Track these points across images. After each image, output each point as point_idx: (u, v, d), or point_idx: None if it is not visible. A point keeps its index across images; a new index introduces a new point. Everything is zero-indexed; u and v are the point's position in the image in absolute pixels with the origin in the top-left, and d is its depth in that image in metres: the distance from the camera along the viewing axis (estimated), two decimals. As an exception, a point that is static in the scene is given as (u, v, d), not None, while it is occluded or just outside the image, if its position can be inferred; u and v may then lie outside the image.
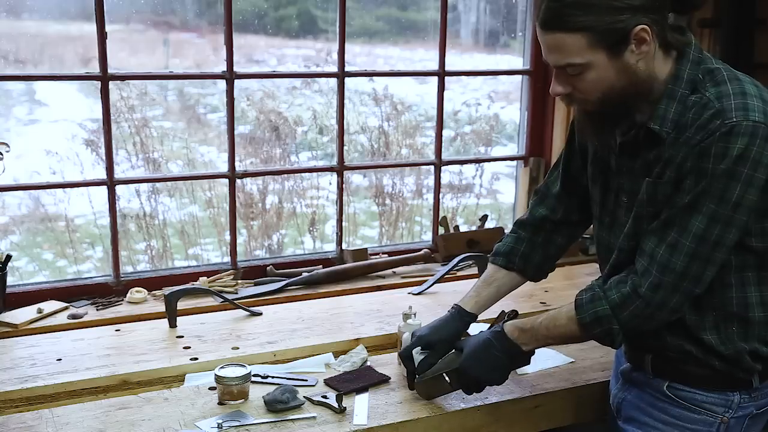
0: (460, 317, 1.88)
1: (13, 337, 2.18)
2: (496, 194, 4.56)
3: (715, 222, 1.46)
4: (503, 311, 1.81)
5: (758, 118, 1.43)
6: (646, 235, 1.55)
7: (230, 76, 2.59)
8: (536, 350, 1.75)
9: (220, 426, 1.68)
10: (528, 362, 1.76)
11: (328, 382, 1.91)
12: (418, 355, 1.84)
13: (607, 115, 1.57)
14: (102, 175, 2.56)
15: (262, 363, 2.05)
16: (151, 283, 2.56)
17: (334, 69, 2.81)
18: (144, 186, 3.71)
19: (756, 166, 1.43)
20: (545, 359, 2.05)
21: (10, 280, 2.40)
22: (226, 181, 2.73)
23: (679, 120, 1.50)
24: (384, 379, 1.93)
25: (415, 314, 2.13)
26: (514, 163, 3.32)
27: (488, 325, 1.83)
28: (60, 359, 2.03)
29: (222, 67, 2.60)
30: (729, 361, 1.58)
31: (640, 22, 1.44)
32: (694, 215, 1.47)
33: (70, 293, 2.47)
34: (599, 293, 1.59)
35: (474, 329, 2.12)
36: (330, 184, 4.10)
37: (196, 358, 2.05)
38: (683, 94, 1.51)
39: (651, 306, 1.53)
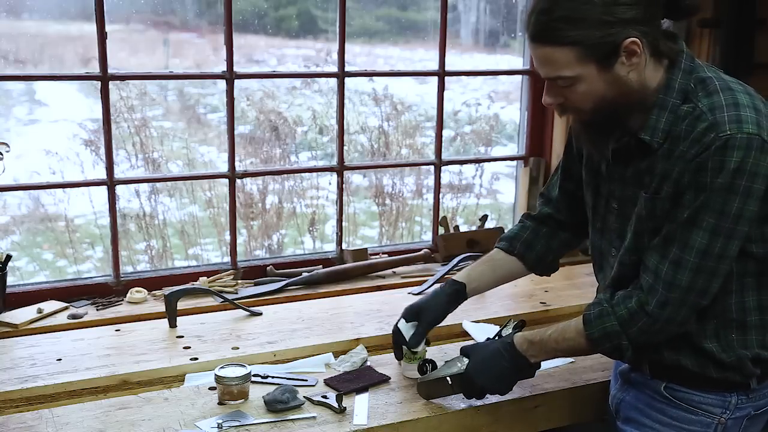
0: (449, 285, 1.91)
1: (13, 337, 2.18)
2: (496, 194, 4.56)
3: (717, 235, 1.46)
4: (510, 319, 1.83)
5: (752, 129, 1.42)
6: (648, 251, 1.55)
7: (230, 76, 2.59)
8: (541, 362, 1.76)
9: (220, 426, 1.68)
10: (533, 375, 1.77)
11: (328, 382, 1.91)
12: (407, 327, 1.86)
13: (601, 124, 1.57)
14: (102, 175, 2.56)
15: (262, 363, 2.05)
16: (151, 283, 2.56)
17: (334, 69, 2.81)
18: (144, 186, 3.71)
19: (753, 177, 1.42)
20: (545, 359, 2.05)
21: (10, 280, 2.40)
22: (226, 181, 2.73)
23: (670, 130, 1.50)
24: (384, 379, 1.93)
25: (415, 314, 2.13)
26: (514, 163, 3.32)
27: (491, 325, 1.83)
28: (60, 359, 2.03)
29: (222, 67, 2.60)
30: (730, 369, 1.58)
31: (630, 34, 1.44)
32: (695, 230, 1.47)
33: (70, 293, 2.47)
34: (607, 309, 1.59)
35: (475, 330, 2.12)
36: (330, 184, 4.10)
37: (196, 358, 2.05)
38: (674, 104, 1.51)
39: (659, 322, 1.53)
